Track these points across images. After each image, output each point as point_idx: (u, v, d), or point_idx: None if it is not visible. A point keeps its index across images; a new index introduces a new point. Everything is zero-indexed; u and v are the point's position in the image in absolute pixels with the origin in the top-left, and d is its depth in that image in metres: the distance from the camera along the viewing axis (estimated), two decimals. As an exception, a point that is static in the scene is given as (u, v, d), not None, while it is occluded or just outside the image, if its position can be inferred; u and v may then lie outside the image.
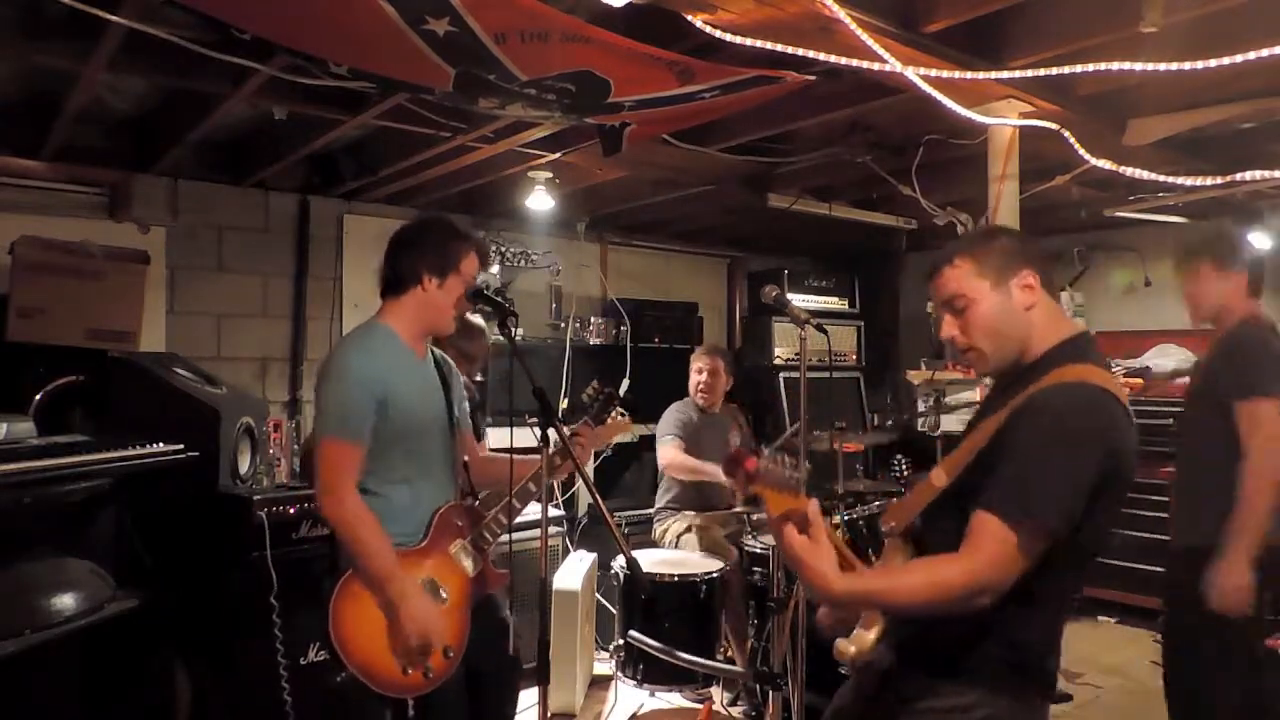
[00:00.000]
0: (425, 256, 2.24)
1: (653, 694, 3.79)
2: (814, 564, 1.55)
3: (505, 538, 2.41)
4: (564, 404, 4.96)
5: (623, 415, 2.65)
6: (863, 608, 1.71)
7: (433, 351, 2.43)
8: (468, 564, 2.30)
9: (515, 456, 2.33)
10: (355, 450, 2.12)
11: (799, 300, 5.53)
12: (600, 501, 2.16)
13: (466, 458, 2.49)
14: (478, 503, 2.50)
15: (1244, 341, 2.67)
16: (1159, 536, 2.86)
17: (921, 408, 5.60)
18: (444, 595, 2.22)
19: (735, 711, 3.81)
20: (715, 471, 4.07)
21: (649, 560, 3.82)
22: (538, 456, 2.31)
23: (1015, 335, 1.70)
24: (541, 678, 2.20)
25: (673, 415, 4.39)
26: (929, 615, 1.59)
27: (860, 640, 1.71)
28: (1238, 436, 2.56)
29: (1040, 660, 1.64)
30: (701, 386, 4.36)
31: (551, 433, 2.20)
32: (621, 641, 3.67)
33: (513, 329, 2.30)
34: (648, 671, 3.61)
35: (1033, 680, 1.64)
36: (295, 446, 3.90)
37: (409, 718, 2.10)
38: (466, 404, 2.58)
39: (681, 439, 4.28)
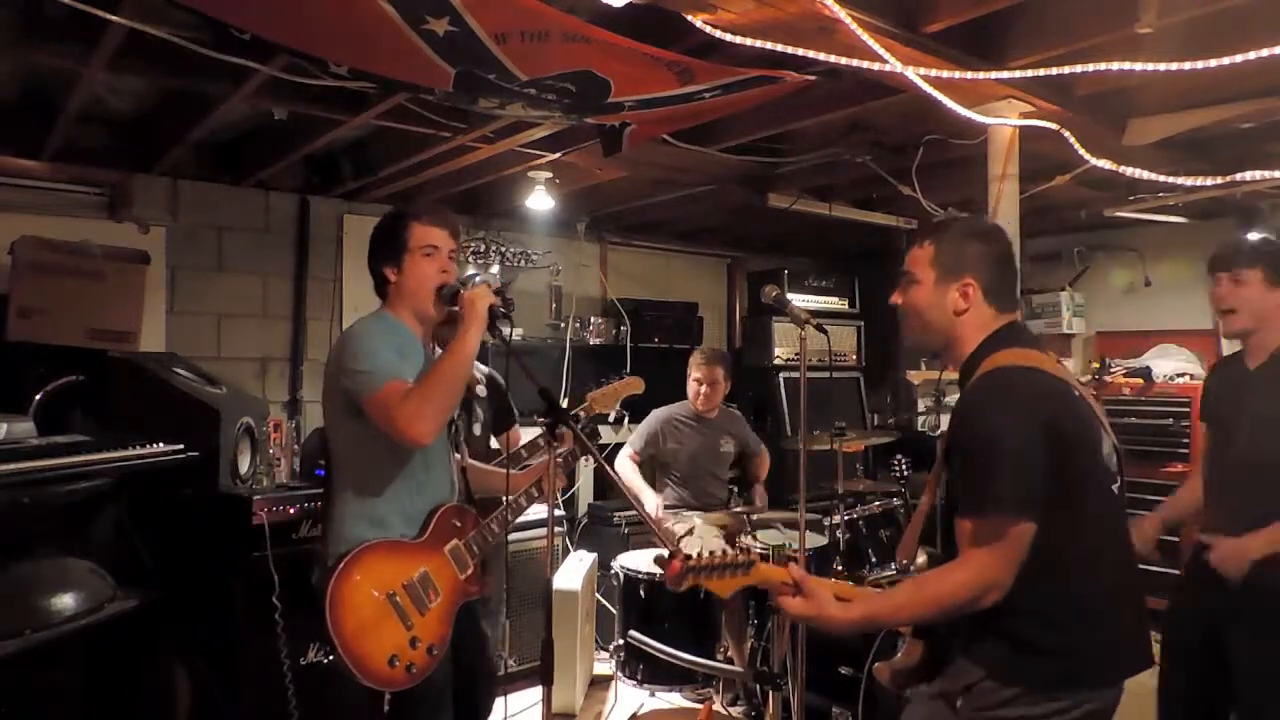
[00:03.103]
0: (379, 254, 2.33)
1: (653, 694, 3.79)
2: (817, 614, 1.63)
3: (504, 541, 2.42)
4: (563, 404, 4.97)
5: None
6: (873, 629, 1.78)
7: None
8: (460, 566, 2.30)
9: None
10: (406, 383, 2.12)
11: (799, 300, 5.52)
12: (645, 506, 2.15)
13: (464, 464, 2.50)
14: (476, 509, 2.50)
15: None
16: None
17: (921, 408, 5.61)
18: (438, 592, 2.22)
19: (735, 711, 3.81)
20: (645, 499, 4.13)
21: (649, 560, 3.82)
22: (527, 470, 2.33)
23: (938, 329, 1.83)
24: (545, 678, 2.19)
25: (645, 425, 4.41)
26: (938, 622, 1.69)
27: (898, 662, 1.85)
28: None
29: (1087, 646, 1.66)
30: (701, 397, 4.35)
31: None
32: (621, 641, 3.67)
33: (504, 329, 2.26)
34: (648, 671, 3.61)
35: (1084, 668, 1.66)
36: (296, 447, 3.90)
37: (384, 713, 2.09)
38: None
39: (636, 453, 4.37)
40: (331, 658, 2.05)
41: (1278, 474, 2.40)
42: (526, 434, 3.88)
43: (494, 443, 3.68)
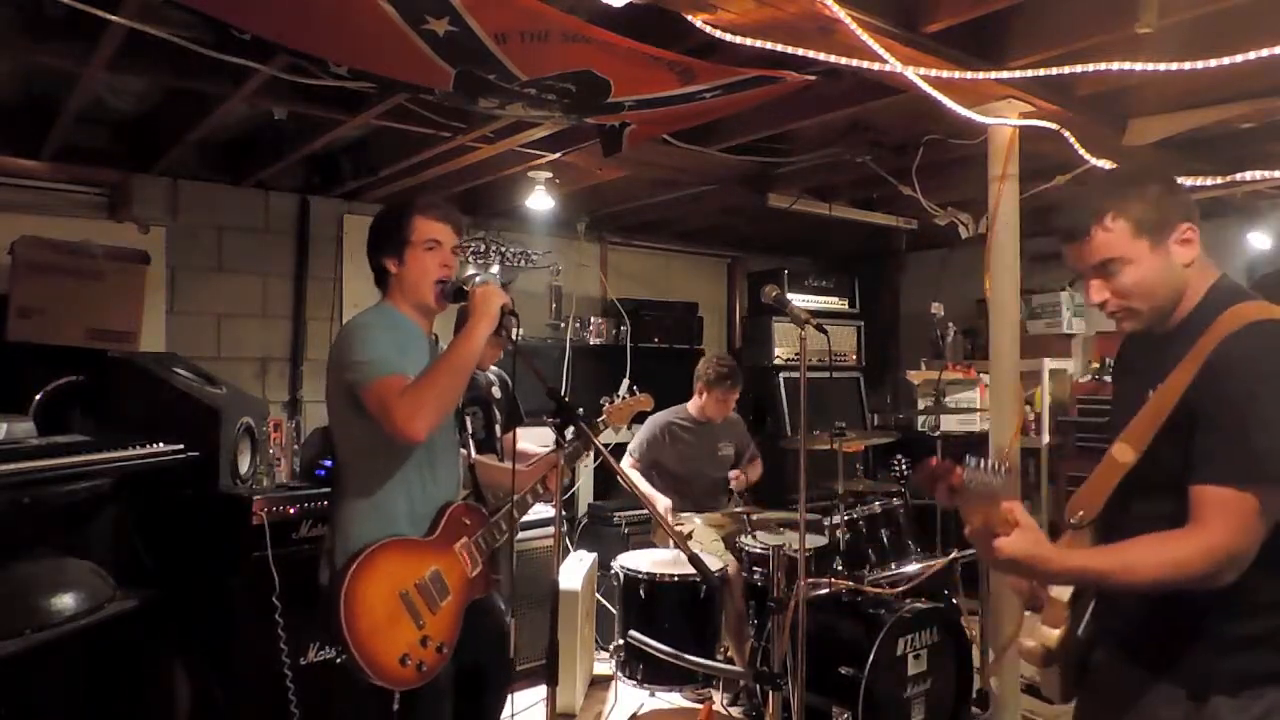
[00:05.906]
0: (379, 246, 2.33)
1: (653, 694, 3.79)
2: (1032, 553, 1.45)
3: (505, 540, 2.42)
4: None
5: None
6: (1085, 586, 1.58)
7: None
8: (469, 564, 2.30)
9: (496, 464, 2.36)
10: (406, 378, 2.11)
11: (799, 300, 5.52)
12: (658, 506, 2.16)
13: (472, 460, 2.50)
14: (485, 506, 2.51)
15: None
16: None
17: (921, 407, 5.60)
18: (449, 591, 2.22)
19: (735, 711, 3.81)
20: (656, 502, 4.09)
21: (649, 560, 3.82)
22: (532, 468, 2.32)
23: (1174, 294, 1.60)
24: (550, 678, 2.19)
25: (645, 432, 4.39)
26: (1156, 592, 1.49)
27: (1044, 636, 1.63)
28: None
29: None
30: (706, 413, 4.33)
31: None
32: (621, 641, 3.67)
33: (511, 329, 2.25)
34: (648, 671, 3.60)
35: None
36: (296, 447, 3.90)
37: (393, 711, 2.09)
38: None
39: (638, 460, 4.34)
40: (343, 657, 2.04)
41: None
42: (532, 433, 3.90)
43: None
